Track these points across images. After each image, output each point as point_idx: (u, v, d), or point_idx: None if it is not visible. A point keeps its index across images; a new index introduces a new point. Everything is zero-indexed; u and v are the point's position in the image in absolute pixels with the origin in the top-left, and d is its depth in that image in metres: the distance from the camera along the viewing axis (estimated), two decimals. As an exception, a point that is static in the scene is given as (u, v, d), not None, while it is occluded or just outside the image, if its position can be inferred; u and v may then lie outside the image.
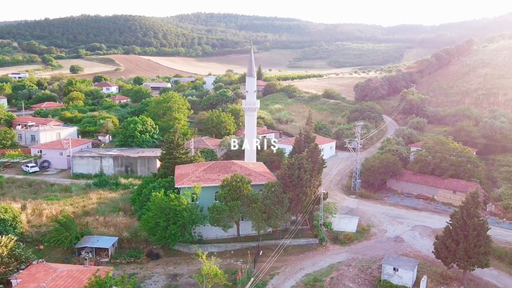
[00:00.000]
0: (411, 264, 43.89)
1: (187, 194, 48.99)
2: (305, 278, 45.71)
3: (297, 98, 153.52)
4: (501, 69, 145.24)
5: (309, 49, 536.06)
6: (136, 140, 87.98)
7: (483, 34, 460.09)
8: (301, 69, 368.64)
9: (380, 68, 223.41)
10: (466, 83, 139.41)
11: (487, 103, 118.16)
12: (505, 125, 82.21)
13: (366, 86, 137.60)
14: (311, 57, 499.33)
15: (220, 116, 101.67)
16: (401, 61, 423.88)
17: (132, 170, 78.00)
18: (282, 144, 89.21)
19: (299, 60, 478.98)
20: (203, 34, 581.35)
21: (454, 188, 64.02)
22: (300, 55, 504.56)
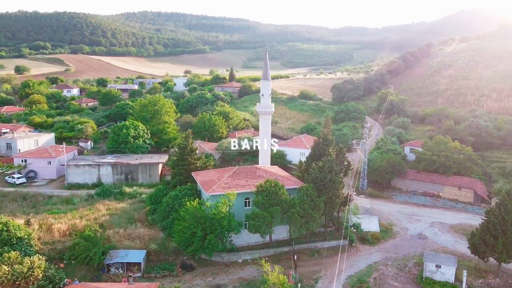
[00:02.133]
0: (452, 260, 45.64)
1: (224, 202, 47.47)
2: (349, 280, 46.02)
3: (275, 99, 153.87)
4: (463, 71, 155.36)
5: (261, 49, 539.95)
6: (129, 146, 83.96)
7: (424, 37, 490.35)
8: (256, 69, 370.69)
9: (347, 69, 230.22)
10: (434, 84, 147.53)
11: (458, 103, 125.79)
12: (489, 123, 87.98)
13: (343, 87, 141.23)
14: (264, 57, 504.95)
15: (211, 119, 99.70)
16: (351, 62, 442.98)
17: (133, 178, 74.37)
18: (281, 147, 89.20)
19: (252, 61, 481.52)
20: (153, 34, 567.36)
21: (459, 184, 67.49)
22: (254, 56, 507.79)
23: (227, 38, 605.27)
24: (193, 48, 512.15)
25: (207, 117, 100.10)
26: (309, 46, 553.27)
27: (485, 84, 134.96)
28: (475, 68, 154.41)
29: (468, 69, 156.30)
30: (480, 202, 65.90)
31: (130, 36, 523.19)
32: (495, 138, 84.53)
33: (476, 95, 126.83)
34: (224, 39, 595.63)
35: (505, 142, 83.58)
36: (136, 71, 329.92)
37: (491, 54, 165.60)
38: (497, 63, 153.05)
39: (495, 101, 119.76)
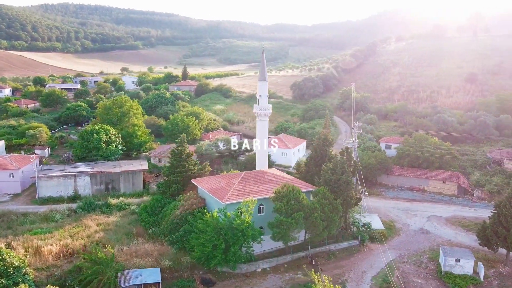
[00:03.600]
0: (468, 253, 47.58)
1: (245, 210, 45.01)
2: (374, 281, 46.11)
3: (235, 98, 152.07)
4: (410, 69, 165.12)
5: (196, 45, 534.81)
6: (102, 152, 77.12)
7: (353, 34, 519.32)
8: (193, 66, 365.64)
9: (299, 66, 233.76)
10: (386, 81, 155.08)
11: (412, 99, 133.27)
12: (453, 118, 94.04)
13: (304, 85, 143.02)
14: (200, 54, 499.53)
15: (184, 120, 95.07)
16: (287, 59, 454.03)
17: (114, 188, 68.38)
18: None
19: (188, 57, 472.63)
20: (78, 28, 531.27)
21: (444, 178, 71.12)
22: (189, 52, 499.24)
23: (159, 33, 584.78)
24: (124, 44, 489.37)
25: (179, 118, 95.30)
26: (244, 42, 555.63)
27: (432, 81, 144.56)
28: (420, 66, 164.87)
29: (414, 67, 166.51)
30: (463, 194, 69.95)
31: (54, 30, 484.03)
32: (460, 132, 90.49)
33: (427, 91, 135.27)
34: (156, 34, 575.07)
35: (469, 136, 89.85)
36: (65, 68, 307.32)
37: (432, 53, 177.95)
38: (439, 61, 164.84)
39: (445, 97, 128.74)
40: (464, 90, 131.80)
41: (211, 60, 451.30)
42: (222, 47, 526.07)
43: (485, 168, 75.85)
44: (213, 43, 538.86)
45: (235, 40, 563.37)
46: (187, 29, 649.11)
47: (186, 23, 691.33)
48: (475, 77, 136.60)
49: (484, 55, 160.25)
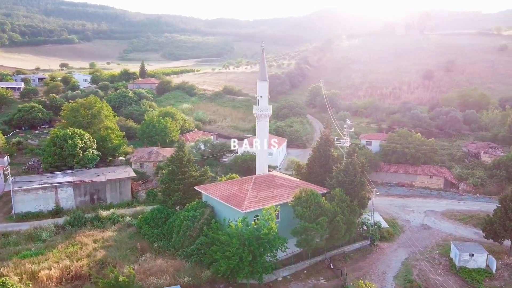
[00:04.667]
0: (480, 247, 49.29)
1: (270, 218, 42.90)
2: (397, 281, 46.21)
3: (200, 96, 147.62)
4: (369, 65, 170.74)
5: (137, 40, 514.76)
6: (78, 159, 70.57)
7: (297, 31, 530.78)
8: (135, 62, 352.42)
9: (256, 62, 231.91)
10: (349, 78, 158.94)
11: (376, 95, 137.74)
12: (425, 114, 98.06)
13: (270, 82, 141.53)
14: (142, 49, 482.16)
15: (160, 121, 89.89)
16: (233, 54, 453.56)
17: (100, 198, 62.75)
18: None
19: (129, 52, 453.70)
20: (4, 20, 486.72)
21: (431, 173, 73.69)
22: (130, 47, 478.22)
23: (95, 27, 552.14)
24: (58, 38, 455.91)
25: (156, 119, 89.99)
26: (188, 37, 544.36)
27: (392, 78, 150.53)
28: (378, 63, 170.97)
29: (373, 63, 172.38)
30: (449, 187, 72.97)
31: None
32: (433, 127, 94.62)
33: (389, 87, 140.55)
34: (92, 28, 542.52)
35: (441, 131, 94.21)
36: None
37: (387, 50, 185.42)
38: (395, 58, 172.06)
39: (407, 93, 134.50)
40: (423, 86, 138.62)
41: (154, 56, 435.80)
42: (165, 42, 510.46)
43: (463, 161, 79.78)
44: (155, 38, 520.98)
45: (178, 35, 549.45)
46: (125, 22, 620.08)
47: (124, 16, 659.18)
48: (432, 73, 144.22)
49: (436, 52, 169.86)
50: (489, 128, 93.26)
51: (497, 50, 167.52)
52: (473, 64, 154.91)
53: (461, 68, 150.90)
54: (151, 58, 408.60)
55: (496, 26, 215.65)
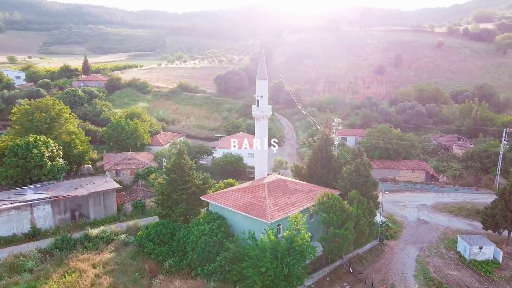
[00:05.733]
0: (485, 240, 51.28)
1: (301, 228, 40.51)
2: (418, 280, 46.43)
3: (154, 94, 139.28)
4: (320, 60, 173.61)
5: (58, 32, 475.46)
6: (46, 170, 62.09)
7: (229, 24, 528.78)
8: (58, 55, 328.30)
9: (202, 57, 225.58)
10: (304, 73, 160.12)
11: (335, 90, 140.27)
12: (392, 109, 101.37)
13: (229, 78, 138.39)
14: (64, 41, 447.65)
15: (129, 123, 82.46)
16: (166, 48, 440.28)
17: (82, 214, 55.62)
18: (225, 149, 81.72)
19: (50, 45, 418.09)
20: None
21: (413, 167, 76.01)
22: (50, 39, 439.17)
23: (7, 16, 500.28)
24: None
25: (124, 121, 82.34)
26: (115, 29, 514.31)
27: (346, 73, 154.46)
28: (329, 58, 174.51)
29: (322, 58, 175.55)
30: (430, 180, 75.88)
31: None
32: (400, 122, 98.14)
33: (345, 82, 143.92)
34: (4, 17, 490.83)
35: (408, 125, 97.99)
36: None
37: (335, 45, 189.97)
38: (344, 53, 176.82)
39: (364, 88, 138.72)
40: (377, 81, 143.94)
41: (79, 49, 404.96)
42: (90, 34, 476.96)
43: (436, 154, 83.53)
44: (78, 30, 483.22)
45: (104, 27, 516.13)
46: (42, 12, 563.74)
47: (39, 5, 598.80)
48: (383, 69, 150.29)
49: (380, 48, 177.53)
50: (450, 121, 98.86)
51: (435, 47, 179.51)
52: (417, 60, 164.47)
53: (408, 63, 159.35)
54: (76, 51, 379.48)
55: (430, 24, 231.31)
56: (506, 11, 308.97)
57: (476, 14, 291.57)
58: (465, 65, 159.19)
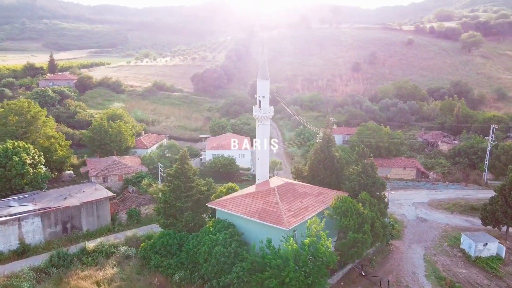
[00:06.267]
0: (488, 236, 52.20)
1: (323, 235, 39.23)
2: (431, 280, 46.41)
3: (129, 93, 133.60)
4: (295, 57, 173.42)
5: (10, 27, 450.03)
6: (28, 179, 57.32)
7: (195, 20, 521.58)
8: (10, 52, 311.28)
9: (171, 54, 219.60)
10: (281, 70, 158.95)
11: (312, 87, 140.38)
12: (376, 107, 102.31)
13: (207, 77, 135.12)
14: (18, 37, 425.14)
15: (113, 126, 77.90)
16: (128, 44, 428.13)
17: (74, 226, 51.64)
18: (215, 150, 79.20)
19: (2, 41, 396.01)
20: None
21: (404, 165, 76.78)
22: (2, 35, 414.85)
23: None
24: None
25: (105, 124, 77.65)
26: (72, 25, 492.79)
27: (323, 70, 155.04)
28: (305, 55, 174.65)
29: (299, 56, 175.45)
30: (420, 177, 76.97)
31: None
32: (384, 119, 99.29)
33: (324, 79, 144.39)
34: None
35: (392, 122, 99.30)
36: None
37: (310, 43, 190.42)
38: (319, 51, 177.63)
39: (342, 86, 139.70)
40: (354, 78, 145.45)
41: (35, 45, 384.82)
42: (46, 29, 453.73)
43: (423, 151, 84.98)
44: (32, 25, 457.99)
45: (60, 22, 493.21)
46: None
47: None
48: (359, 66, 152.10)
49: (354, 46, 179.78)
50: (430, 118, 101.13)
51: (405, 44, 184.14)
52: (390, 57, 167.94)
53: (382, 60, 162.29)
54: (31, 48, 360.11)
55: (398, 22, 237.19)
56: (461, 10, 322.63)
57: (437, 12, 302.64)
58: (435, 63, 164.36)
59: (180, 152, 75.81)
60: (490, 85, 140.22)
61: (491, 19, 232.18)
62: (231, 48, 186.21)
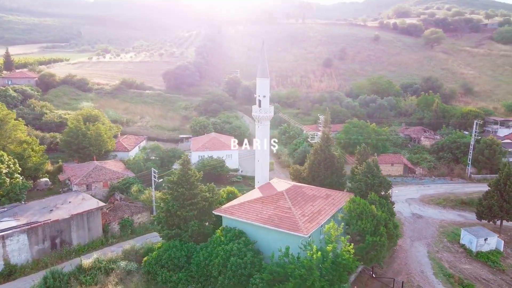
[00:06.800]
0: (486, 231, 53.31)
1: (343, 239, 38.00)
2: (440, 278, 46.61)
3: (97, 92, 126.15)
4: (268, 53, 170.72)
5: None
6: (5, 190, 51.87)
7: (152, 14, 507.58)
8: None
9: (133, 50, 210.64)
10: (253, 67, 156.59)
11: (287, 83, 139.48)
12: (356, 103, 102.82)
13: (179, 74, 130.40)
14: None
15: (90, 128, 72.44)
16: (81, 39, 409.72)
17: (64, 241, 47.18)
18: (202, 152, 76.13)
19: None
20: None
21: (391, 161, 77.46)
22: None
23: None
24: None
25: (82, 126, 72.03)
26: (19, 18, 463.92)
27: (295, 66, 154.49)
28: (275, 51, 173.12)
29: (269, 52, 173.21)
30: (407, 173, 77.99)
31: None
32: (365, 115, 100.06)
33: (297, 76, 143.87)
34: None
35: (372, 118, 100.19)
36: None
37: (279, 38, 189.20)
38: (289, 47, 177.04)
39: (316, 82, 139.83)
40: (327, 74, 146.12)
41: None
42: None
43: (406, 147, 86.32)
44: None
45: (4, 15, 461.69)
46: None
47: None
48: (330, 62, 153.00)
49: (323, 41, 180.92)
50: (408, 113, 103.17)
51: (372, 40, 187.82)
52: (359, 53, 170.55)
53: (351, 56, 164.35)
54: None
55: (362, 17, 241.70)
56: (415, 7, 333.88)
57: (396, 9, 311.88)
58: (402, 58, 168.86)
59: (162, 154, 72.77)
60: (455, 80, 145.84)
61: (448, 16, 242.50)
62: (199, 44, 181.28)
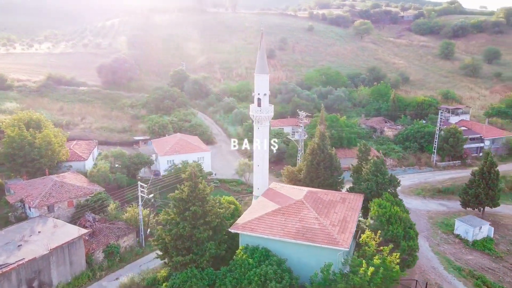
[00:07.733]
0: (478, 219, 55.12)
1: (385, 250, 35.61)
2: (452, 273, 46.81)
3: (20, 90, 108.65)
4: (204, 44, 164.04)
5: None
6: None
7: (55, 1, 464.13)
8: None
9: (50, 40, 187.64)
10: (193, 58, 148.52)
11: (233, 76, 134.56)
12: (315, 95, 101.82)
13: (118, 67, 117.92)
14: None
15: (37, 137, 60.48)
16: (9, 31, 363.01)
17: (43, 283, 38.17)
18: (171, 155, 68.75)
19: None
20: None
21: (365, 154, 77.45)
22: None
23: None
24: None
25: (27, 134, 59.85)
26: None
27: (237, 57, 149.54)
28: (212, 41, 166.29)
29: (206, 42, 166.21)
30: (379, 164, 78.74)
31: None
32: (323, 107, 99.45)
33: (241, 67, 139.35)
34: None
35: (331, 109, 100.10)
36: None
37: (213, 28, 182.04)
38: (228, 37, 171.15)
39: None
40: (271, 65, 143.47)
41: None
42: None
43: (371, 137, 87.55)
44: None
45: None
46: None
47: None
48: (274, 53, 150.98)
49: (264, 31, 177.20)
50: (362, 104, 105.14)
51: (307, 31, 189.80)
52: (297, 44, 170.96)
53: (291, 47, 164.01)
54: None
55: (292, 7, 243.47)
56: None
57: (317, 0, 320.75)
58: (338, 49, 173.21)
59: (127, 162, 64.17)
60: (390, 70, 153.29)
61: (369, 8, 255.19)
62: (129, 34, 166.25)
